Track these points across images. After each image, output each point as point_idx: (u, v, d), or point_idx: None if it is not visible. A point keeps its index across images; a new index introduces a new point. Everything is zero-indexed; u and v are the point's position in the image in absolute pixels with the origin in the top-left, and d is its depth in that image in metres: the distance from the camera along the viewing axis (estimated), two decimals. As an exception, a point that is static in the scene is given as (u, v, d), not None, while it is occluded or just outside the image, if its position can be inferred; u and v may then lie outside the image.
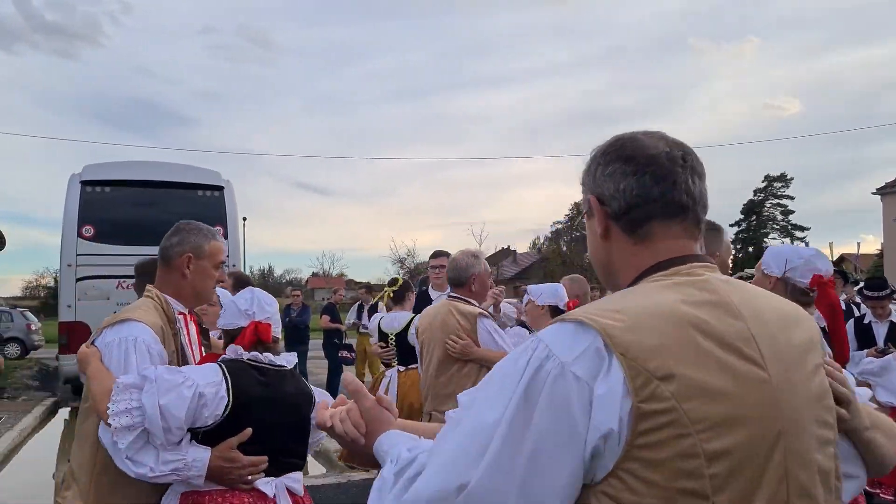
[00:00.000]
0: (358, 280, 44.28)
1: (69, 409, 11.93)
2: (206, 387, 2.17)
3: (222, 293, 3.13)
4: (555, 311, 3.91)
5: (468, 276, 4.07)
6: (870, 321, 5.71)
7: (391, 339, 5.41)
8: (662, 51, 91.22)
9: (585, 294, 4.85)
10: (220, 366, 2.28)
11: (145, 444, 2.15)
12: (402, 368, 5.27)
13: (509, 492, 0.98)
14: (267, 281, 63.09)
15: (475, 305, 4.09)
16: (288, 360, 2.46)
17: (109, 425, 2.12)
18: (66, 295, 11.00)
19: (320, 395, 2.52)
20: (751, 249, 55.70)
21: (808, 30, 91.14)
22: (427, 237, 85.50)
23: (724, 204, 58.01)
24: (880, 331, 5.62)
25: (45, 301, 50.89)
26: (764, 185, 58.37)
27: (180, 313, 2.59)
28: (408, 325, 5.19)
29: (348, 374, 1.38)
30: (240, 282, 4.59)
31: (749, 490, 1.01)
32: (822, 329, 2.53)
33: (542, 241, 62.50)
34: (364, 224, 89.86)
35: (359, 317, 12.77)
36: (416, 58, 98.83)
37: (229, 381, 2.22)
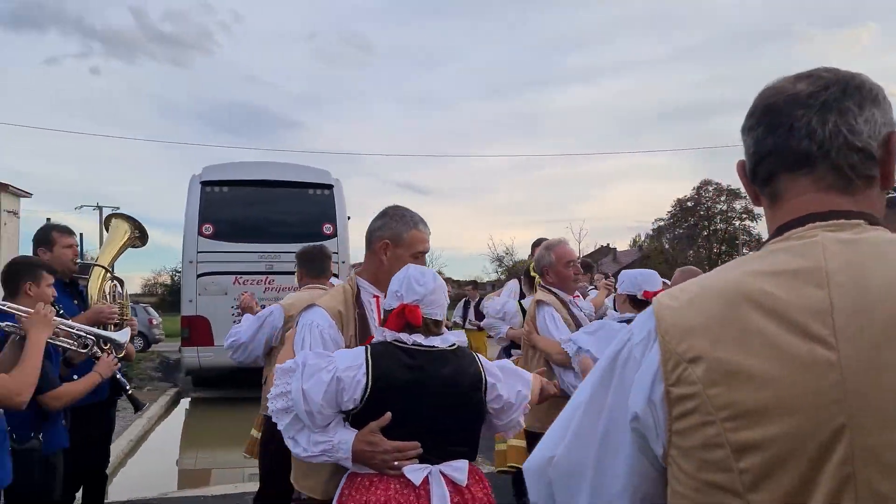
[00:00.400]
0: (455, 278, 44.51)
1: (190, 399, 12.55)
2: (344, 371, 2.14)
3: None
4: (632, 300, 3.81)
5: (540, 267, 4.32)
6: None
7: None
8: (766, 40, 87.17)
9: None
10: (366, 349, 2.23)
11: (304, 425, 2.19)
12: None
13: (587, 465, 1.04)
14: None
15: (554, 294, 4.22)
16: (444, 339, 2.30)
17: None
18: (188, 290, 11.44)
19: (504, 373, 2.38)
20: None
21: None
22: (525, 235, 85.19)
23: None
24: None
25: (162, 297, 53.85)
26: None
27: (374, 296, 2.60)
28: None
29: None
30: None
31: (796, 491, 0.87)
32: None
33: (643, 238, 61.08)
34: (461, 222, 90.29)
35: (465, 313, 12.82)
36: (511, 53, 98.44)
37: (369, 365, 2.16)
